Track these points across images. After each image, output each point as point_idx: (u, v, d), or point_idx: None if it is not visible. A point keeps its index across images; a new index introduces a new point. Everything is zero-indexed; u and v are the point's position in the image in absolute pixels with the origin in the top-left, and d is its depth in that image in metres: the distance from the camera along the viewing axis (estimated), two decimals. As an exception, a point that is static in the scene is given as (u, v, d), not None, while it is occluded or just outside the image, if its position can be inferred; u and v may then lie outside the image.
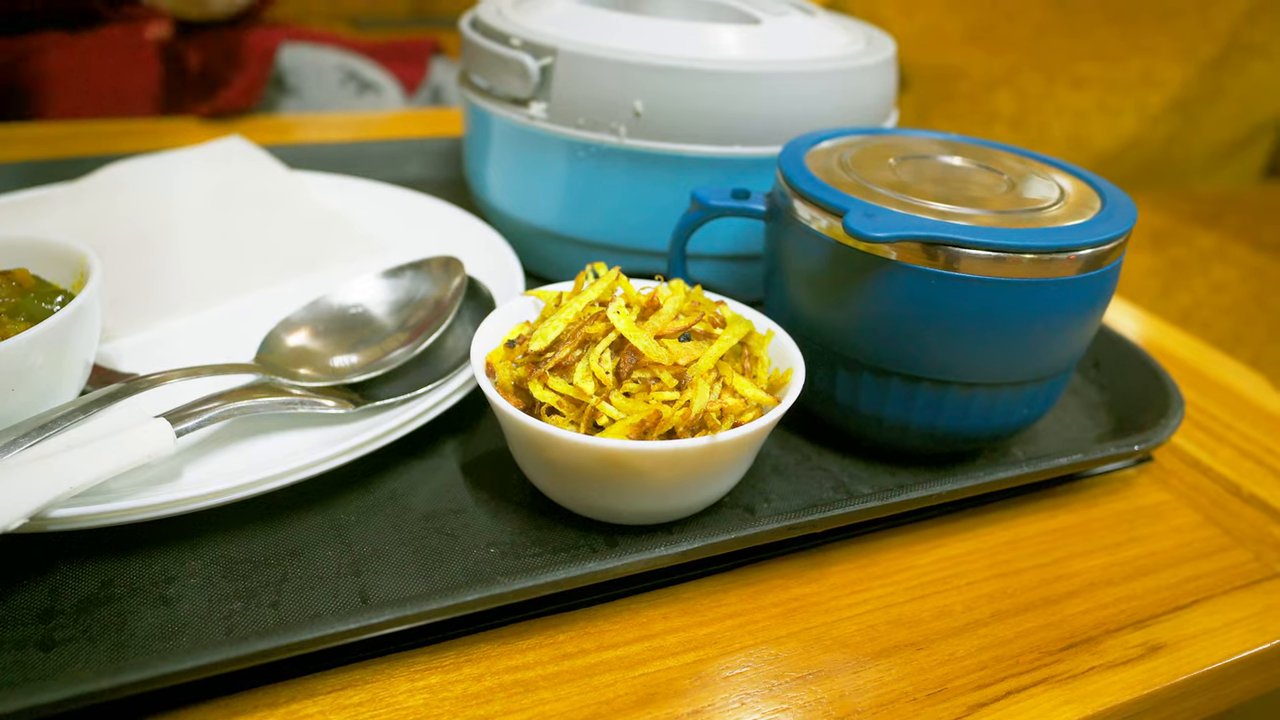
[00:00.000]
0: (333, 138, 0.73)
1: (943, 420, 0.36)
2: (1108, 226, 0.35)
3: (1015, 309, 0.34)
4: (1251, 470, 0.41)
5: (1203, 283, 0.93)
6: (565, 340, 0.32)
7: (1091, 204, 0.37)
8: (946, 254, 0.33)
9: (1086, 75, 1.12)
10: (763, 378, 0.33)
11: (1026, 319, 0.34)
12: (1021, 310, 0.34)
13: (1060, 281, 0.34)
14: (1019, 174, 0.39)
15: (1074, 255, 0.33)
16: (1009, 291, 0.33)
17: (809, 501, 0.36)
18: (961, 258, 0.33)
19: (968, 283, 0.33)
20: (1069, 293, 0.34)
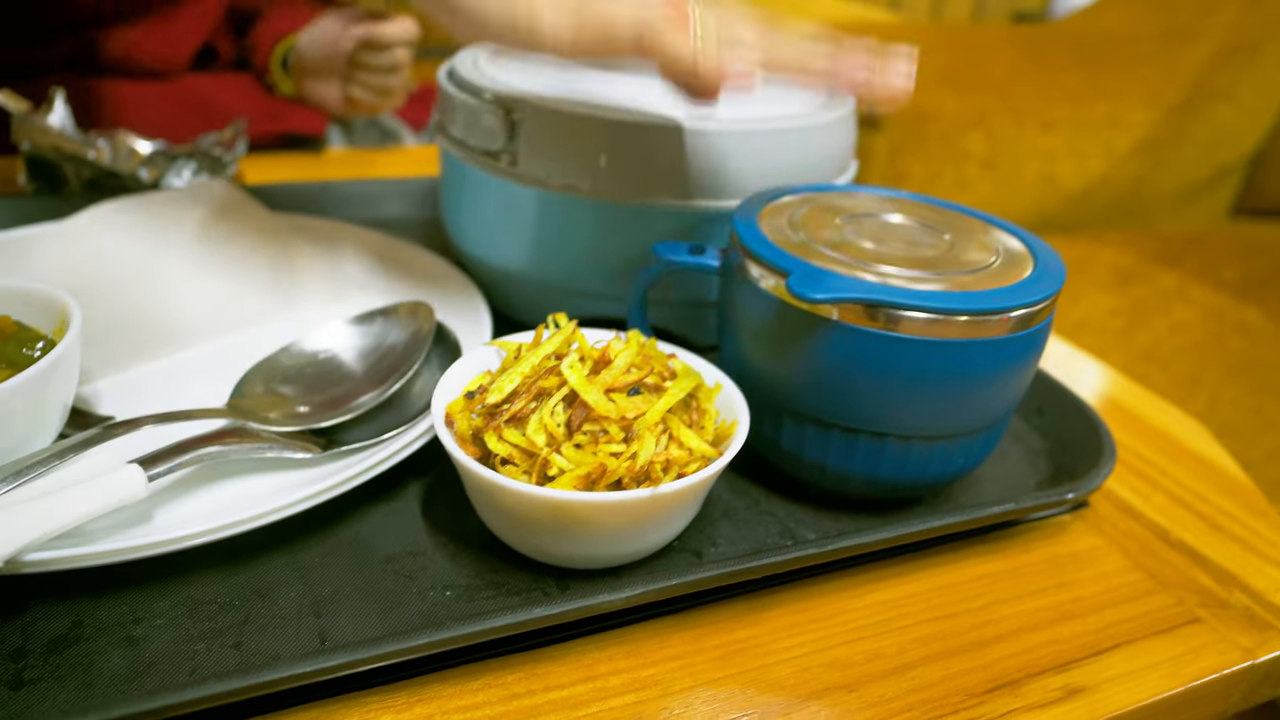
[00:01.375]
0: (319, 175, 0.75)
1: (882, 470, 0.38)
2: (1038, 288, 0.37)
3: (950, 367, 0.36)
4: (1181, 516, 0.43)
5: (1163, 322, 0.96)
6: (521, 393, 0.34)
7: (1024, 265, 0.39)
8: (887, 315, 0.35)
9: (1056, 118, 1.16)
10: (709, 429, 0.35)
11: (960, 377, 0.36)
12: (956, 368, 0.36)
13: (992, 341, 0.36)
14: (959, 233, 0.41)
15: (1005, 316, 0.36)
16: (944, 351, 0.35)
17: (754, 547, 0.38)
18: (900, 319, 0.35)
19: (905, 343, 0.35)
20: (1000, 351, 0.36)
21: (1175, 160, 1.25)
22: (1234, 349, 0.92)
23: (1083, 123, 1.17)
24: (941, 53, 1.16)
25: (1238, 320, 0.96)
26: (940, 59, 1.15)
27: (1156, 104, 1.19)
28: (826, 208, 0.43)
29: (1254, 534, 0.43)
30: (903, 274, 0.36)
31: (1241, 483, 0.47)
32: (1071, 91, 1.17)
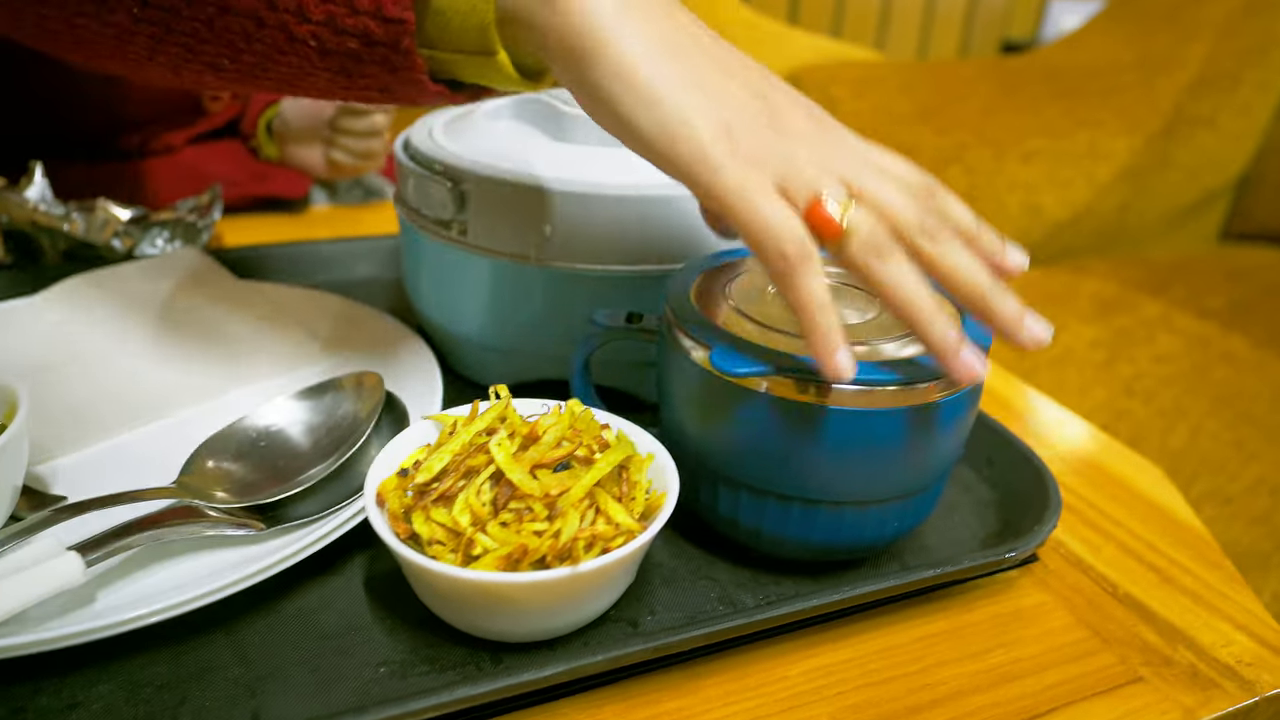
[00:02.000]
0: (301, 235, 0.76)
1: (816, 535, 0.38)
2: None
3: (879, 436, 0.36)
4: (1131, 568, 0.43)
5: (1146, 353, 0.96)
6: (450, 471, 0.34)
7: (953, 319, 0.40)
8: (814, 387, 0.35)
9: (1035, 150, 1.16)
10: (640, 501, 0.36)
11: (890, 444, 0.37)
12: (885, 437, 0.36)
13: (919, 408, 0.36)
14: None
15: (933, 384, 0.36)
16: (872, 420, 0.36)
17: (692, 614, 0.38)
18: (827, 390, 0.35)
19: (832, 413, 0.35)
20: (928, 418, 0.37)
21: (1159, 186, 1.25)
22: (1218, 379, 0.92)
23: (1063, 153, 1.18)
24: (919, 90, 1.17)
25: (1223, 349, 0.96)
26: (917, 97, 1.16)
27: (1136, 132, 1.20)
28: (762, 273, 0.43)
29: (1205, 586, 0.43)
30: None
31: (1196, 532, 0.47)
32: (1049, 123, 1.18)
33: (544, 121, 0.54)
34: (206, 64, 0.37)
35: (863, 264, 0.33)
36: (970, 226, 0.36)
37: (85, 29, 0.37)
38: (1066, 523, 0.46)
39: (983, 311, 0.35)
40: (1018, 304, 0.35)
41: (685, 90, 0.32)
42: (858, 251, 0.33)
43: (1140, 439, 0.86)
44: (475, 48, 0.35)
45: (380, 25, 0.33)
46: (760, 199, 0.32)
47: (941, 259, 0.34)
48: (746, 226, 0.32)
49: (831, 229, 0.33)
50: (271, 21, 0.34)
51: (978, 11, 2.20)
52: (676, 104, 0.32)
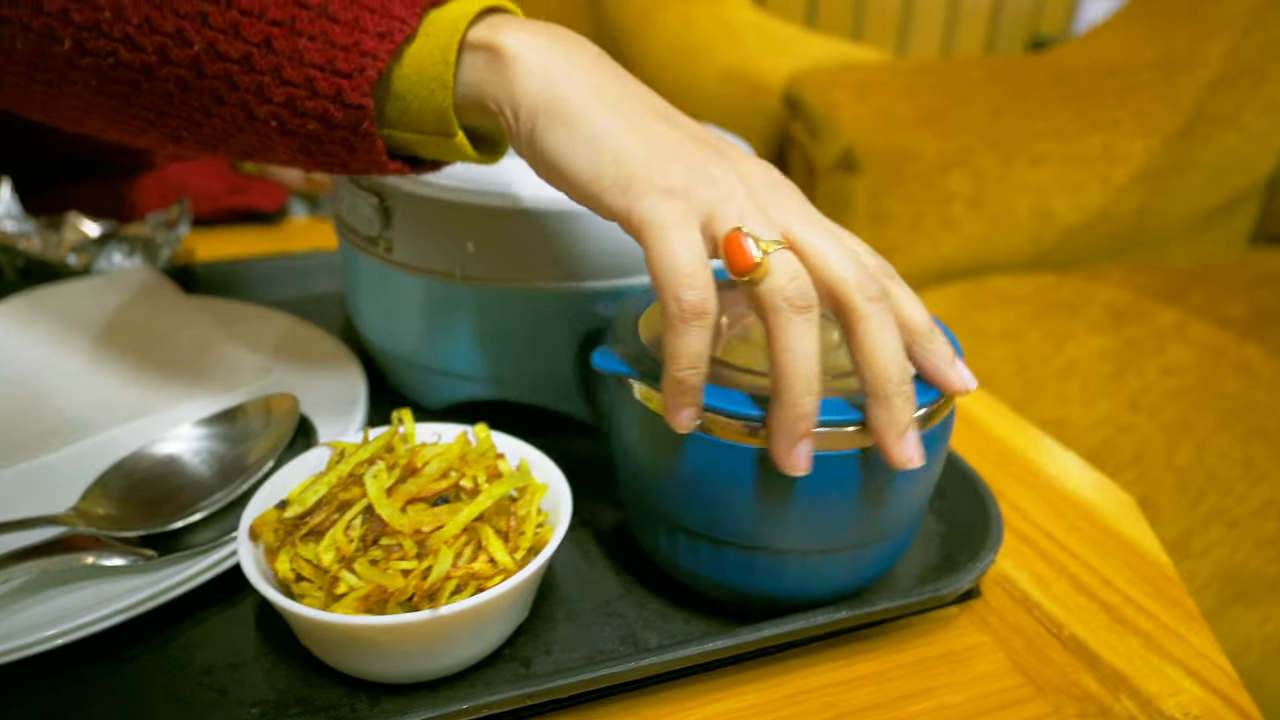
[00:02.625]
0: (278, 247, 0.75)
1: (756, 583, 0.36)
2: (929, 385, 0.35)
3: (829, 483, 0.34)
4: (1082, 607, 0.40)
5: (1156, 364, 0.91)
6: (326, 504, 0.33)
7: None
8: (751, 428, 0.33)
9: (1045, 153, 1.12)
10: (529, 535, 0.34)
11: (842, 492, 0.34)
12: (836, 484, 0.34)
13: (863, 454, 0.33)
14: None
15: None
16: (831, 465, 0.33)
17: (591, 654, 0.36)
18: (759, 429, 0.33)
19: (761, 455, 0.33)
20: (873, 464, 0.34)
21: (1181, 189, 1.20)
22: (1230, 392, 0.87)
23: (1075, 156, 1.13)
24: (923, 93, 1.14)
25: (1238, 359, 0.91)
26: (921, 100, 1.12)
27: (1154, 133, 1.15)
28: (721, 300, 0.41)
29: (1159, 627, 0.40)
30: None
31: (1159, 567, 0.43)
32: (1060, 125, 1.13)
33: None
34: (167, 134, 0.37)
35: (769, 307, 0.31)
36: (922, 326, 0.34)
37: (44, 95, 0.37)
38: (1019, 555, 0.44)
39: (884, 400, 0.32)
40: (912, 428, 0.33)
41: (627, 134, 0.32)
42: (767, 292, 0.31)
43: (1144, 455, 0.81)
44: (435, 129, 0.35)
45: (340, 110, 0.33)
46: (675, 232, 0.30)
47: (868, 335, 0.32)
48: (652, 260, 0.31)
49: (744, 260, 0.30)
50: (232, 100, 0.34)
51: (1005, 7, 2.15)
52: (616, 145, 0.31)
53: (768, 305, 0.31)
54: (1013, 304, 1.07)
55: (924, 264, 1.14)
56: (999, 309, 1.07)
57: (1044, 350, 0.97)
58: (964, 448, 0.52)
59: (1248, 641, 0.68)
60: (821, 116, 1.11)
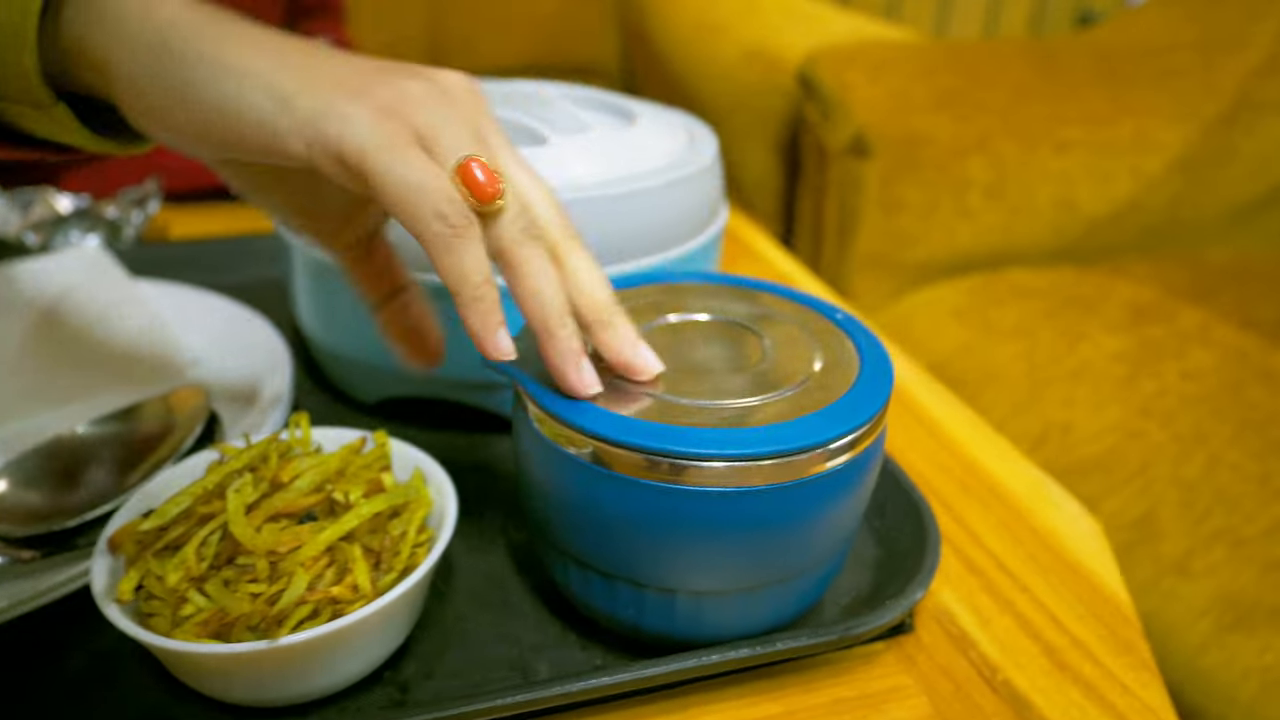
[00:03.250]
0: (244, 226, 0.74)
1: (677, 626, 0.33)
2: (852, 412, 0.32)
3: (747, 519, 0.31)
4: (1022, 649, 0.37)
5: (1174, 368, 0.86)
6: (186, 517, 0.31)
7: (847, 373, 0.34)
8: (670, 465, 0.30)
9: (1071, 139, 1.06)
10: (404, 557, 0.32)
11: (754, 529, 0.31)
12: (746, 520, 0.31)
13: (793, 486, 0.31)
14: (781, 336, 0.36)
15: (813, 454, 0.31)
16: (741, 501, 0.30)
17: (476, 681, 0.34)
18: (685, 470, 0.30)
19: (679, 494, 0.30)
20: (805, 497, 0.31)
21: (1219, 180, 1.13)
22: (1252, 401, 0.81)
23: (1103, 143, 1.07)
24: (943, 74, 1.08)
25: (1262, 366, 0.85)
26: (940, 81, 1.07)
27: (1192, 120, 1.08)
28: (640, 309, 0.38)
29: (1105, 675, 0.36)
30: (699, 405, 0.32)
31: (1116, 604, 0.40)
32: (1090, 110, 1.07)
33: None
34: None
35: (510, 241, 0.29)
36: (602, 301, 0.31)
37: None
38: (964, 587, 0.40)
39: (551, 335, 0.30)
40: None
41: (301, 63, 0.28)
42: (509, 225, 0.29)
43: (1150, 465, 0.77)
44: (23, 97, 0.29)
45: None
46: (406, 152, 0.27)
47: (575, 272, 0.31)
48: (389, 186, 0.27)
49: (487, 190, 0.28)
50: None
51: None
52: (293, 74, 0.28)
53: (509, 240, 0.29)
54: (1028, 299, 1.02)
55: (939, 254, 1.10)
56: (1014, 303, 1.02)
57: (1056, 349, 0.92)
58: (926, 461, 0.49)
59: (1246, 671, 0.64)
60: (833, 97, 1.06)
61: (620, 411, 0.31)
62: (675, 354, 0.35)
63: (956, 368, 0.96)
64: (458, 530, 0.41)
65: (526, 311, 0.30)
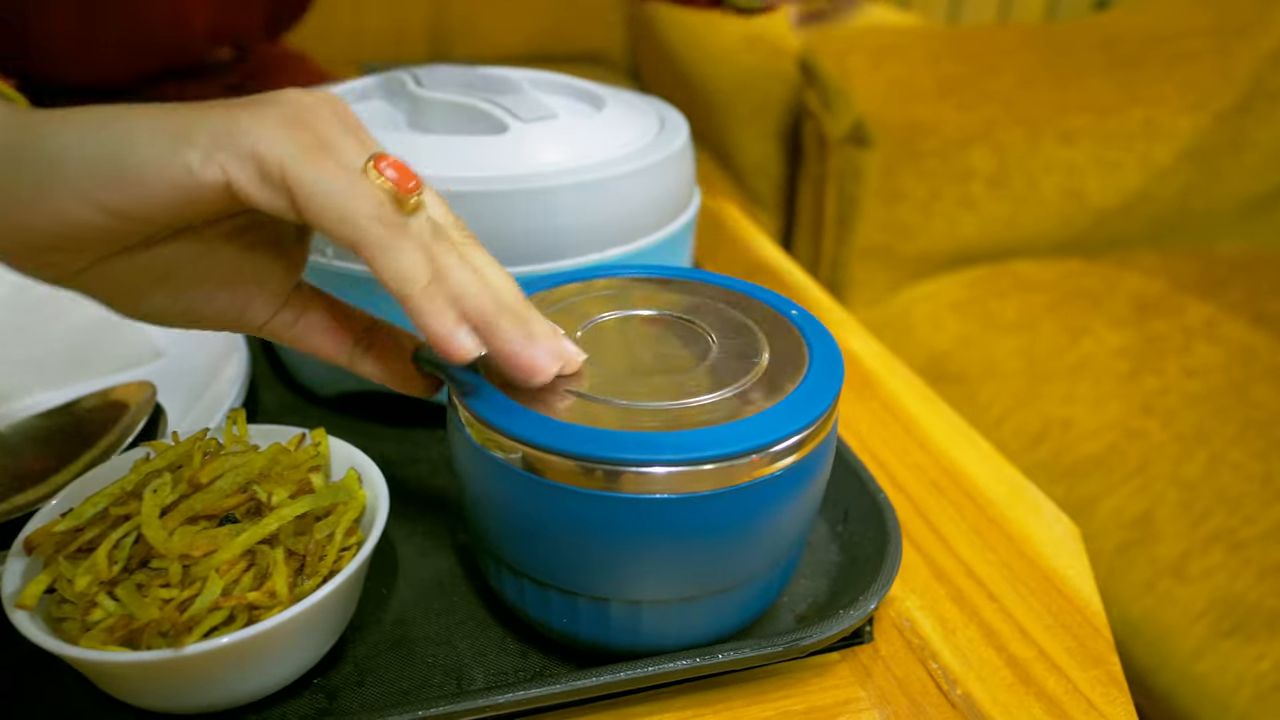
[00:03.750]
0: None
1: (613, 635, 0.32)
2: (798, 411, 0.30)
3: (687, 527, 0.29)
4: (986, 660, 0.36)
5: (1177, 365, 0.84)
6: (103, 518, 0.30)
7: (795, 371, 0.32)
8: (604, 472, 0.29)
9: (1078, 128, 1.03)
10: (329, 560, 0.31)
11: (698, 536, 0.30)
12: (693, 527, 0.29)
13: (736, 491, 0.29)
14: (729, 334, 0.35)
15: (757, 457, 0.29)
16: (681, 509, 0.29)
17: (407, 689, 0.33)
18: (621, 476, 0.28)
19: (629, 503, 0.29)
20: (745, 501, 0.30)
21: (1231, 170, 1.09)
22: (1257, 400, 0.79)
23: (1112, 132, 1.04)
24: (947, 61, 1.06)
25: (1270, 363, 0.83)
26: (943, 68, 1.04)
27: (1204, 108, 1.05)
28: (584, 304, 0.36)
29: (1070, 690, 0.35)
30: (626, 405, 0.30)
31: (1088, 615, 0.38)
32: (1097, 98, 1.04)
33: (403, 104, 0.50)
34: None
35: (436, 236, 0.28)
36: (512, 299, 0.29)
37: None
38: (929, 594, 0.39)
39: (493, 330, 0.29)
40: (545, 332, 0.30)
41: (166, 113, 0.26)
42: (424, 225, 0.28)
43: (1150, 464, 0.75)
44: None
45: None
46: (322, 159, 0.26)
47: (481, 271, 0.29)
48: (321, 194, 0.25)
49: (406, 185, 0.27)
50: None
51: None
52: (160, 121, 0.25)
53: (427, 238, 0.28)
54: (1031, 291, 1.00)
55: (940, 246, 1.07)
56: (1016, 296, 0.99)
57: (1058, 343, 0.90)
58: (900, 461, 0.47)
59: (1240, 678, 0.62)
60: (834, 84, 1.04)
61: (552, 415, 0.30)
62: (615, 352, 0.33)
63: (956, 362, 0.94)
64: (406, 532, 0.40)
65: (461, 310, 0.29)
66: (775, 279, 0.67)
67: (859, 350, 0.58)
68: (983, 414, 0.88)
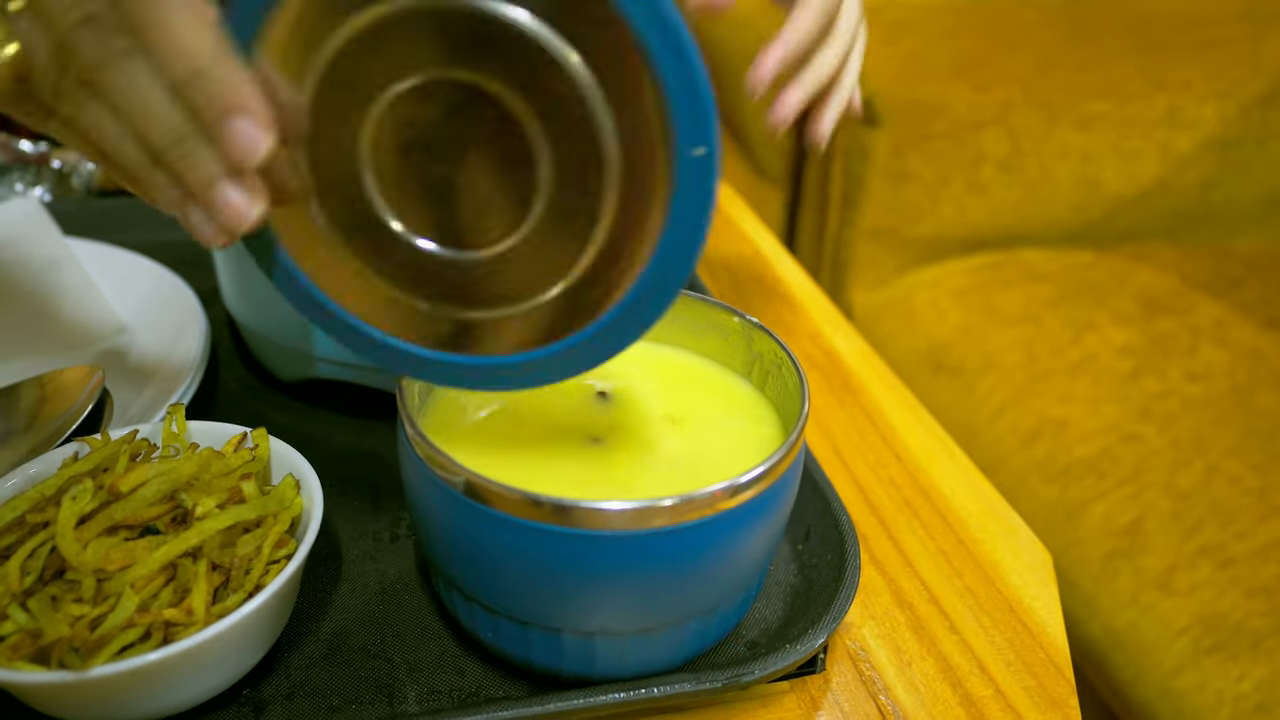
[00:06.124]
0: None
1: (565, 663, 0.31)
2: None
3: (642, 562, 0.28)
4: (939, 698, 0.34)
5: (1181, 367, 0.81)
6: (19, 524, 0.29)
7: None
8: (553, 506, 0.27)
9: (1097, 113, 0.99)
10: (255, 574, 0.30)
11: (654, 570, 0.29)
12: (649, 562, 0.28)
13: (696, 526, 0.28)
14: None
15: (719, 490, 0.28)
16: (637, 544, 0.28)
17: (336, 704, 0.32)
18: (572, 511, 0.27)
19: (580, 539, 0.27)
20: (704, 536, 0.28)
21: (1257, 163, 1.05)
22: (1260, 407, 0.77)
23: (1132, 118, 1.00)
24: (965, 37, 1.01)
25: (1277, 370, 0.80)
26: (960, 45, 1.00)
27: (1230, 96, 1.01)
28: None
29: (1023, 733, 0.33)
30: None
31: (1051, 653, 0.37)
32: (1119, 82, 1.00)
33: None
34: None
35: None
36: (161, 135, 0.23)
37: None
38: (889, 623, 0.38)
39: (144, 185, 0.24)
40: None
41: None
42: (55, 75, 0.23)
43: (1143, 472, 0.73)
44: None
45: None
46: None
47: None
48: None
49: None
50: None
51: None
52: None
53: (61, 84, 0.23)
54: (1037, 282, 0.97)
55: (947, 230, 1.04)
56: (1021, 287, 0.97)
57: (1059, 340, 0.88)
58: (873, 475, 0.46)
59: (1220, 697, 0.60)
60: (846, 59, 1.00)
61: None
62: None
63: (954, 353, 0.92)
64: (356, 532, 0.39)
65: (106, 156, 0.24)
66: (768, 268, 0.65)
67: (844, 350, 0.56)
68: (979, 408, 0.86)
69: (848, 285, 1.09)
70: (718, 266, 0.65)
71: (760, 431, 0.35)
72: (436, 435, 0.33)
